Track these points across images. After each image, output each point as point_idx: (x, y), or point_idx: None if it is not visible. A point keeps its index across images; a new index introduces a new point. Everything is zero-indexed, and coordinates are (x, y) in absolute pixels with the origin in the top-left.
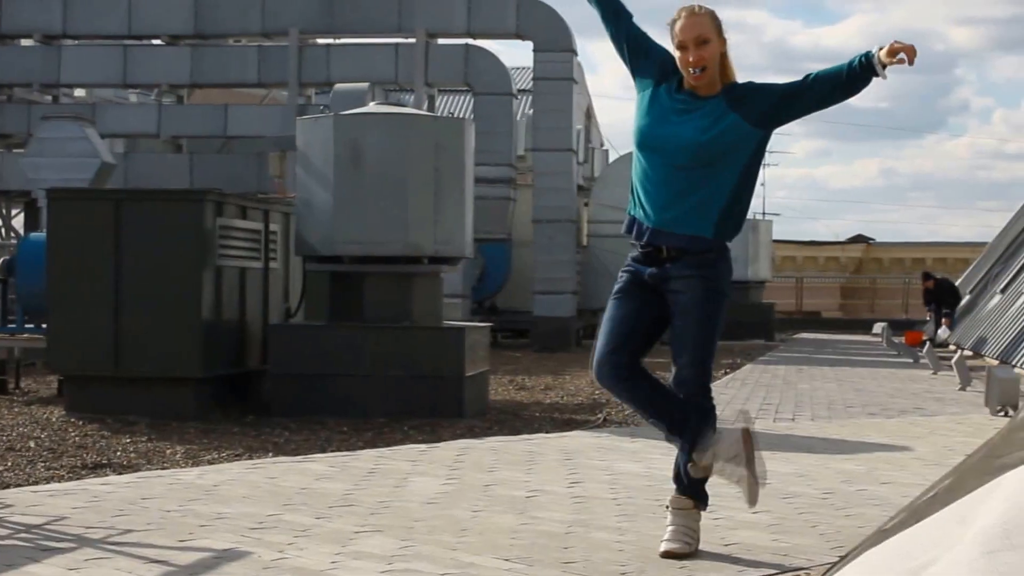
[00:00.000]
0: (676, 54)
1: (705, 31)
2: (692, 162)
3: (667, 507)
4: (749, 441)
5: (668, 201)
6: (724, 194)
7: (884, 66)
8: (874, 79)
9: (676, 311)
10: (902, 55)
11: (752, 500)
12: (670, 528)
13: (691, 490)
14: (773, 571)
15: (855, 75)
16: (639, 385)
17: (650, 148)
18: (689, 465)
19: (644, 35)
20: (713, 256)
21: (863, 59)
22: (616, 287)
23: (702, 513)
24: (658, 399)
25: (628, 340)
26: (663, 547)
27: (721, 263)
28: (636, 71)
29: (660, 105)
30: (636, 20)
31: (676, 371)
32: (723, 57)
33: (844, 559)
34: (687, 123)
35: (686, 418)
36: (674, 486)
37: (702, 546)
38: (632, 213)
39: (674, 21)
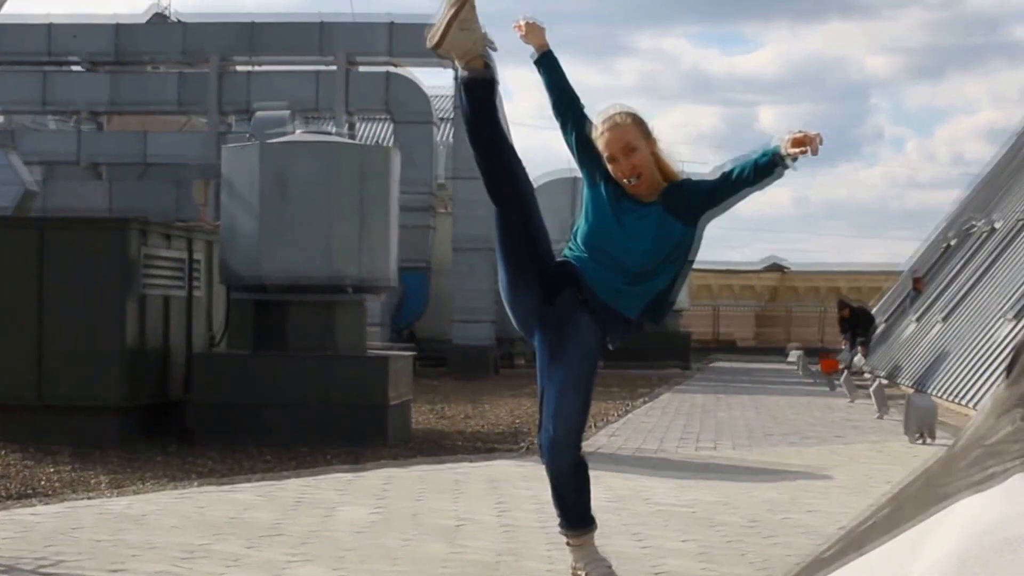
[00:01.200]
0: (609, 166)
1: (630, 138)
2: (638, 268)
3: (570, 544)
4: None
5: (606, 281)
6: (660, 287)
7: (792, 157)
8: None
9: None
10: (806, 148)
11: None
12: (588, 561)
13: (580, 522)
14: None
15: (762, 172)
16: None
17: (597, 248)
18: None
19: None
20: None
21: (768, 156)
22: None
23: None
24: None
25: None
26: None
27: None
28: (583, 166)
29: (608, 206)
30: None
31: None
32: (657, 157)
33: None
34: (634, 233)
35: None
36: (563, 528)
37: (632, 574)
38: (571, 256)
39: (600, 134)
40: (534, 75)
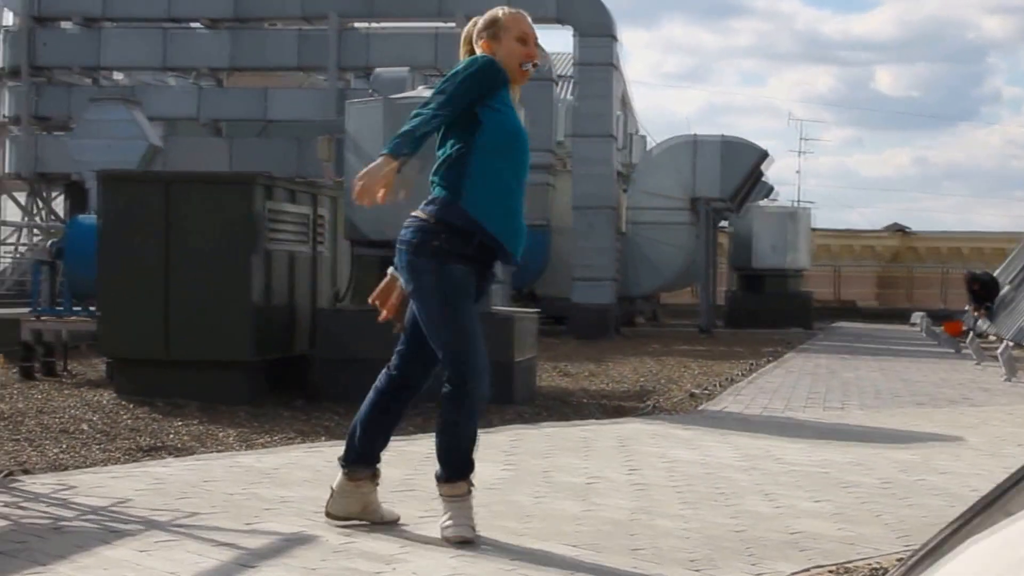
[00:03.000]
0: (511, 47)
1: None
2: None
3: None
4: None
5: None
6: None
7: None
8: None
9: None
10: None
11: None
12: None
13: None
14: (842, 560)
15: None
16: None
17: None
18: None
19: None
20: None
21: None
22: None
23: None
24: None
25: None
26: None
27: None
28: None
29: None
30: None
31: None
32: None
33: (927, 548)
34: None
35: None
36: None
37: (767, 534)
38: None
39: (511, 17)
40: (648, 34)
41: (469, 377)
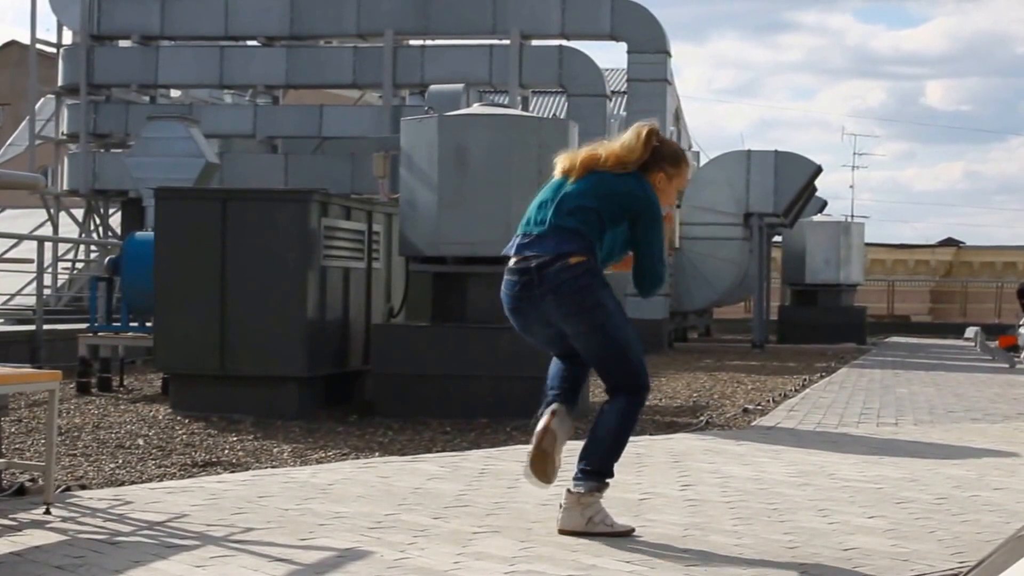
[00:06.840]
0: (666, 182)
1: None
2: None
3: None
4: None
5: None
6: None
7: None
8: None
9: None
10: None
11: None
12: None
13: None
14: None
15: None
16: None
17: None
18: None
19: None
20: None
21: None
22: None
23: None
24: None
25: None
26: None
27: None
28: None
29: None
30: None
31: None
32: None
33: (982, 564)
34: None
35: None
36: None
37: (821, 550)
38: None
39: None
40: (699, 50)
41: (646, 383)
